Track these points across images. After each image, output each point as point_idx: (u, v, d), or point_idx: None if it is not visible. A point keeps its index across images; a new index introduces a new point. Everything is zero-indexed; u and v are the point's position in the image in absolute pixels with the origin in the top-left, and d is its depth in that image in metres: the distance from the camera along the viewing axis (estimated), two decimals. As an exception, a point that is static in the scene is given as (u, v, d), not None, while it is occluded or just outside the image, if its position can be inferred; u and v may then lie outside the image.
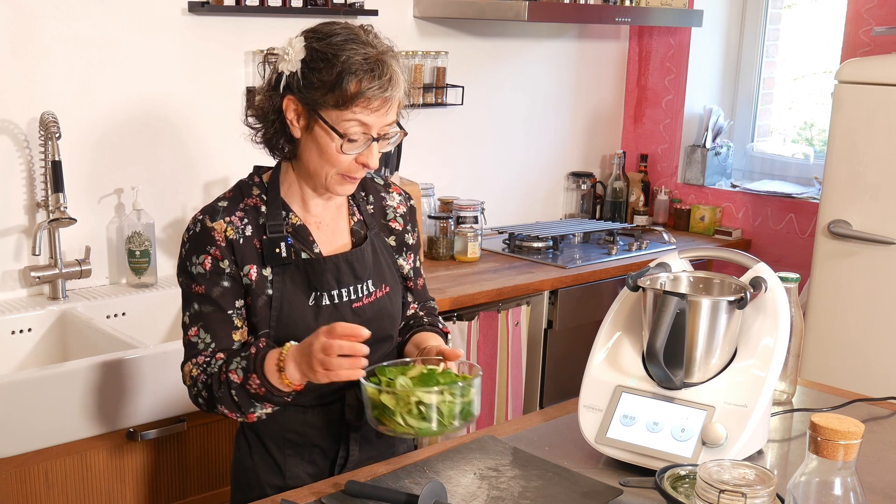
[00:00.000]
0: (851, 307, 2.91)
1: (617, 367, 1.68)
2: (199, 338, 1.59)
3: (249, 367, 1.51)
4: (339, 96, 1.51)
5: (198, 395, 1.59)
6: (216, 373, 1.55)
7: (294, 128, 1.57)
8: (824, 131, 3.73)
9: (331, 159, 1.56)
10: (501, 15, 3.07)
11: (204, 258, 1.58)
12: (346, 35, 1.55)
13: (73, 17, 2.51)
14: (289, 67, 1.54)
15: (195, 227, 1.60)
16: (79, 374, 2.04)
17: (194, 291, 1.59)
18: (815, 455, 1.13)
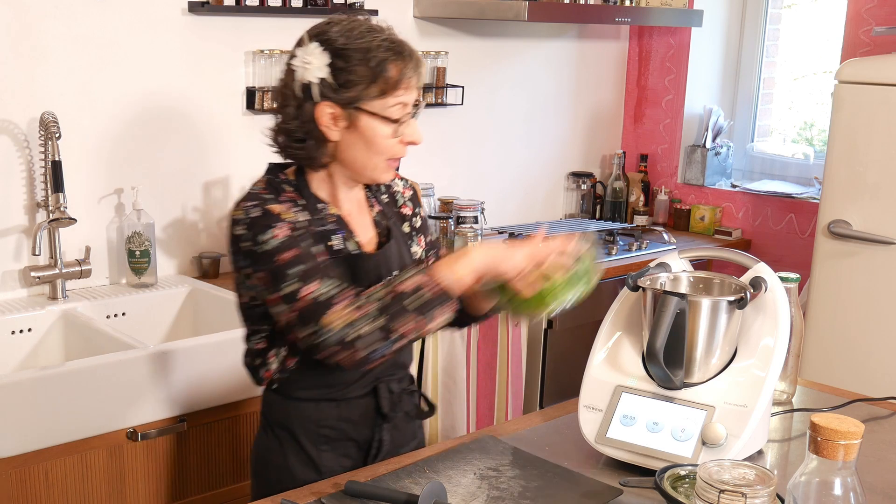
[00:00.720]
0: (851, 307, 2.91)
1: (617, 367, 1.68)
2: (321, 290, 1.49)
3: (421, 271, 1.51)
4: (384, 84, 1.53)
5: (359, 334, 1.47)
6: (382, 295, 1.48)
7: (331, 131, 1.56)
8: (824, 131, 3.73)
9: (380, 148, 1.57)
10: (501, 15, 3.07)
11: (273, 231, 1.51)
12: (359, 27, 1.55)
13: (74, 17, 2.51)
14: (316, 75, 1.53)
15: (251, 213, 1.52)
16: (79, 374, 2.04)
17: (283, 262, 1.49)
18: (815, 455, 1.13)
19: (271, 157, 1.64)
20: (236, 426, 2.34)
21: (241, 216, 1.53)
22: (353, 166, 1.60)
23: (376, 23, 1.58)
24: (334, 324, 1.48)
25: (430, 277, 1.50)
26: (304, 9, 2.88)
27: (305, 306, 1.49)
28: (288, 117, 1.58)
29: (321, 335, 1.48)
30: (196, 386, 2.22)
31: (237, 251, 1.55)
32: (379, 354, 1.50)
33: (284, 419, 1.67)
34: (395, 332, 1.48)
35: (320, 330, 1.48)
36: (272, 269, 1.51)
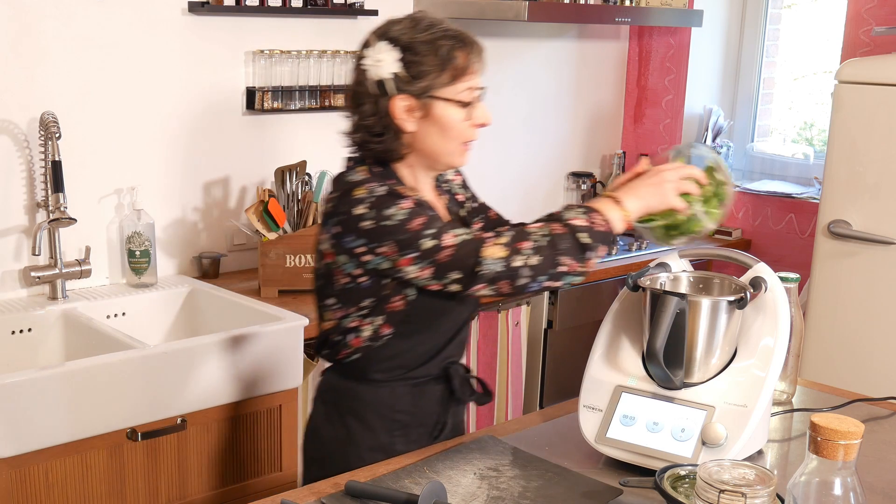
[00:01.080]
0: (851, 307, 2.91)
1: (617, 367, 1.68)
2: (461, 235, 1.58)
3: (590, 209, 1.60)
4: (453, 71, 1.63)
5: (526, 262, 1.55)
6: (549, 231, 1.57)
7: (406, 123, 1.64)
8: (824, 131, 3.73)
9: (456, 132, 1.66)
10: (501, 15, 3.07)
11: (400, 204, 1.58)
12: (421, 22, 1.64)
13: (73, 17, 2.51)
14: (389, 70, 1.61)
15: (376, 192, 1.59)
16: (79, 374, 2.04)
17: (416, 226, 1.57)
18: (815, 455, 1.13)
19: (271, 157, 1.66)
20: (236, 426, 2.34)
21: (364, 195, 1.60)
22: (430, 154, 1.68)
23: (432, 18, 1.68)
24: (497, 254, 1.56)
25: (599, 215, 1.59)
26: (304, 9, 2.88)
27: (454, 251, 1.57)
28: (365, 114, 1.65)
29: (483, 265, 1.56)
30: (196, 386, 2.22)
31: (351, 232, 1.60)
32: (538, 285, 1.58)
33: (357, 406, 1.72)
34: (561, 265, 1.57)
35: (482, 261, 1.56)
36: (402, 237, 1.57)
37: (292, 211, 2.77)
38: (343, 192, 1.63)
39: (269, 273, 2.68)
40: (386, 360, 1.71)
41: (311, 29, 2.96)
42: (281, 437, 2.43)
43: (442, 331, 1.74)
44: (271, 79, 2.88)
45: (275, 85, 2.88)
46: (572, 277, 1.59)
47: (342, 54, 3.00)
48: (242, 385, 2.31)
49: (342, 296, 1.69)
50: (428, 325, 1.70)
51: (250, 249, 2.95)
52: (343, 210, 1.61)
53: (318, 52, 2.95)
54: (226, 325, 2.45)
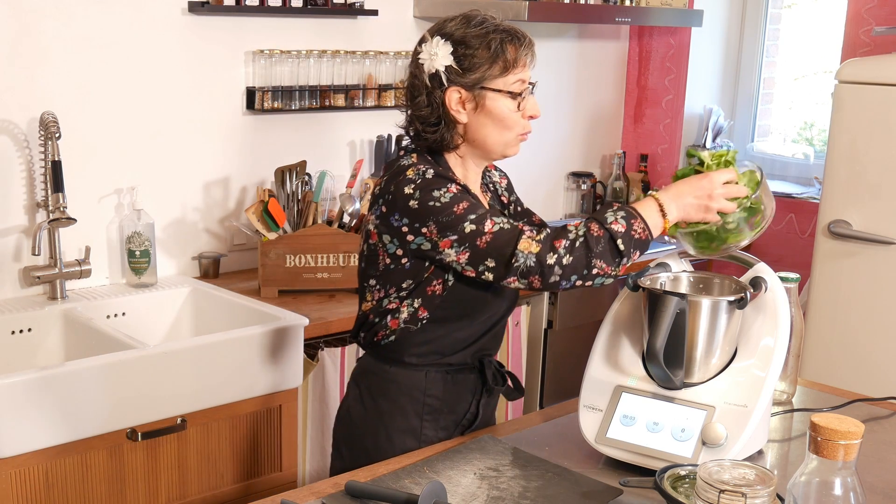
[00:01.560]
0: (851, 307, 2.91)
1: (617, 367, 1.68)
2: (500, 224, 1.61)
3: (632, 215, 1.60)
4: (504, 63, 1.67)
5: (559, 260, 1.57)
6: (585, 232, 1.58)
7: (460, 114, 1.69)
8: (824, 131, 3.73)
9: (509, 123, 1.70)
10: (501, 15, 3.06)
11: (447, 187, 1.63)
12: (474, 18, 1.70)
13: (73, 17, 2.51)
14: (442, 63, 1.67)
15: (423, 175, 1.64)
16: (79, 374, 2.04)
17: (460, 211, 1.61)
18: (815, 455, 1.13)
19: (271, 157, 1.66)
20: (236, 426, 2.34)
21: (413, 176, 1.65)
22: (484, 145, 1.73)
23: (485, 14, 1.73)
24: (532, 248, 1.59)
25: (640, 221, 1.60)
26: (304, 9, 2.88)
27: (493, 238, 1.60)
28: (420, 106, 1.71)
29: (519, 258, 1.59)
30: (196, 386, 2.22)
31: (397, 210, 1.65)
32: (569, 283, 1.60)
33: (390, 388, 1.75)
34: (596, 266, 1.59)
35: (518, 254, 1.59)
36: (446, 219, 1.62)
37: (292, 211, 2.77)
38: (393, 173, 1.69)
39: (269, 273, 2.68)
40: (421, 344, 1.74)
41: (311, 29, 2.96)
42: (281, 437, 2.43)
43: (478, 321, 1.76)
44: (271, 79, 2.88)
45: (275, 85, 2.88)
46: (603, 279, 1.61)
47: (342, 54, 3.00)
48: (242, 385, 2.31)
49: (383, 276, 1.73)
50: (465, 312, 1.73)
51: (250, 249, 2.95)
52: (391, 190, 1.66)
53: (318, 52, 2.95)
54: (226, 325, 2.45)
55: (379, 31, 3.11)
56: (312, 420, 2.54)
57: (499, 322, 1.82)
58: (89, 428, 2.07)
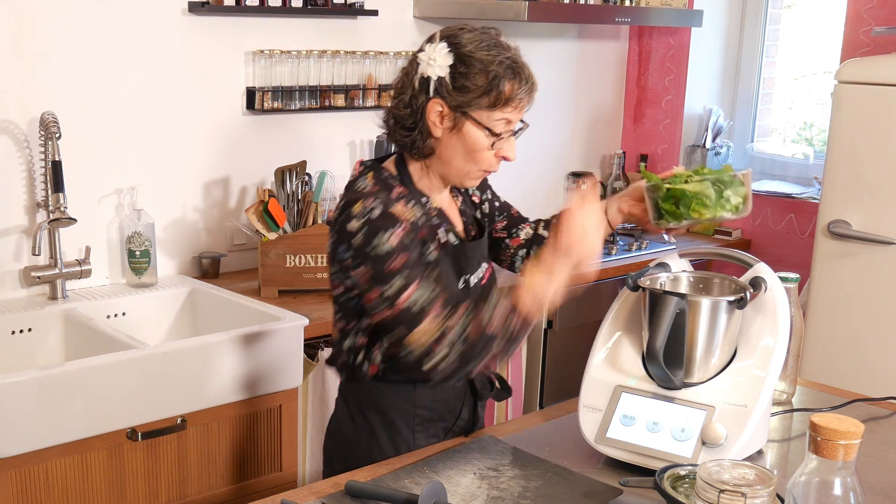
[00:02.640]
0: (851, 307, 2.91)
1: (617, 367, 1.68)
2: (416, 297, 1.57)
3: (509, 301, 1.59)
4: (495, 98, 1.62)
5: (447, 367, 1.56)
6: (472, 326, 1.56)
7: (436, 128, 1.64)
8: (824, 131, 3.73)
9: (477, 157, 1.65)
10: (501, 15, 3.07)
11: (391, 234, 1.58)
12: (489, 40, 1.64)
13: (73, 17, 2.51)
14: (437, 72, 1.61)
15: (369, 213, 1.59)
16: (79, 374, 2.04)
17: (391, 268, 1.57)
18: (814, 455, 1.13)
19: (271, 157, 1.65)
20: (236, 426, 2.34)
21: (360, 211, 1.59)
22: (447, 166, 1.68)
23: (504, 40, 1.68)
24: (415, 344, 1.57)
25: (518, 309, 1.58)
26: (304, 9, 2.88)
27: (399, 314, 1.57)
28: (402, 104, 1.66)
29: (404, 349, 1.59)
30: (196, 386, 2.22)
31: (344, 243, 1.61)
32: (450, 382, 1.63)
33: (380, 403, 1.73)
34: (469, 367, 1.58)
35: (406, 345, 1.58)
36: (379, 271, 1.57)
37: (292, 211, 2.77)
38: (346, 203, 1.64)
39: (269, 273, 2.68)
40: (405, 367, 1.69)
41: (311, 29, 2.97)
42: (281, 437, 2.43)
43: None
44: (271, 79, 2.88)
45: (275, 85, 2.88)
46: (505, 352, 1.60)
47: (342, 54, 3.00)
48: (242, 385, 2.31)
49: (342, 307, 1.72)
50: None
51: (250, 249, 2.95)
52: (341, 220, 1.62)
53: (318, 52, 2.95)
54: (226, 325, 2.45)
55: (379, 31, 3.12)
56: (312, 420, 2.54)
57: None
58: (89, 428, 2.07)
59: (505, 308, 1.58)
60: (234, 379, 2.29)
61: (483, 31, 1.65)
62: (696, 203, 1.63)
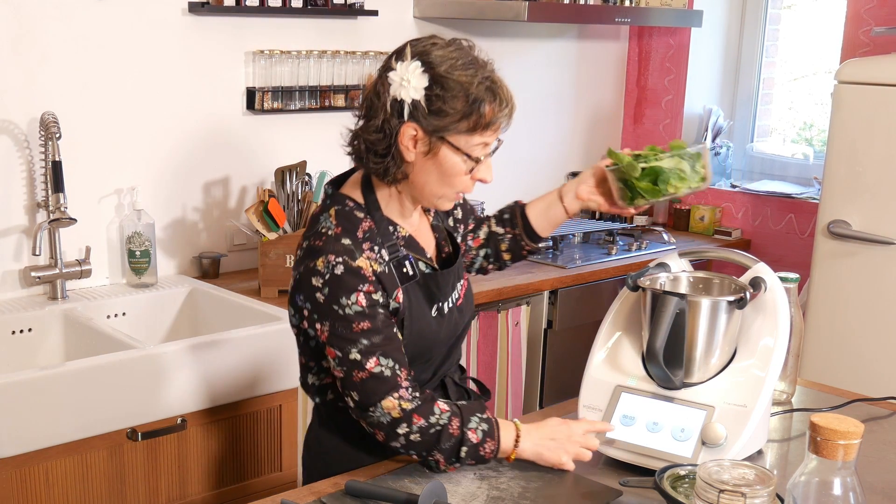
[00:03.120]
0: (851, 307, 2.91)
1: (617, 367, 1.68)
2: (382, 366, 1.52)
3: (491, 433, 1.56)
4: (475, 123, 1.52)
5: (407, 434, 1.53)
6: (444, 424, 1.53)
7: (408, 152, 1.54)
8: (824, 131, 3.73)
9: (453, 181, 1.57)
10: (501, 15, 3.07)
11: (356, 296, 1.51)
12: (464, 57, 1.53)
13: (73, 17, 2.51)
14: (411, 95, 1.50)
15: (332, 270, 1.51)
16: (79, 374, 2.04)
17: (357, 330, 1.52)
18: (814, 455, 1.13)
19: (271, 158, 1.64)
20: (236, 426, 2.34)
21: (322, 269, 1.52)
22: (420, 190, 1.59)
23: (478, 54, 1.57)
24: (393, 412, 1.53)
25: (493, 443, 1.56)
26: (304, 9, 2.88)
27: (367, 379, 1.53)
28: (373, 128, 1.55)
29: (377, 412, 1.53)
30: (196, 386, 2.22)
31: (302, 293, 1.55)
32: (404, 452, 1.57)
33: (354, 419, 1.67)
34: (434, 457, 1.55)
35: (377, 408, 1.53)
36: (343, 333, 1.52)
37: (292, 211, 2.77)
38: (308, 248, 1.56)
39: (269, 273, 2.68)
40: None
41: (311, 29, 2.97)
42: (281, 437, 2.43)
43: (435, 357, 1.70)
44: (271, 79, 2.88)
45: (275, 85, 2.88)
46: (436, 468, 1.57)
47: (342, 54, 3.00)
48: (242, 385, 2.31)
49: (302, 347, 1.67)
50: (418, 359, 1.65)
51: (250, 249, 2.95)
52: (301, 270, 1.55)
53: (318, 53, 2.95)
54: (226, 325, 2.45)
55: (379, 31, 3.12)
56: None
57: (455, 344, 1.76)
58: (89, 428, 2.07)
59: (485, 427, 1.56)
60: (234, 379, 2.29)
61: (457, 47, 1.54)
62: (673, 178, 1.67)
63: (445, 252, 1.75)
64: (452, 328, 1.71)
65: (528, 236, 1.86)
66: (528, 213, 1.87)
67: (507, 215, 1.90)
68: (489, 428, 1.56)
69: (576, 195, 1.80)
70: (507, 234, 1.88)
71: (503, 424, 1.58)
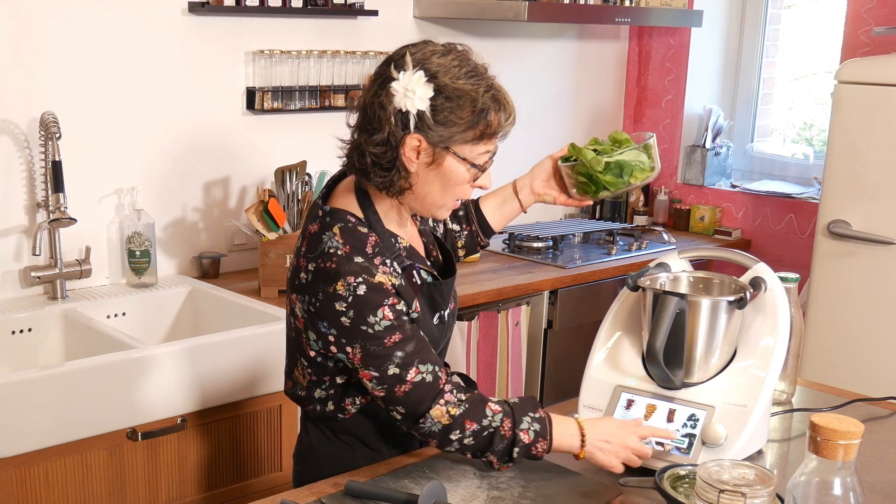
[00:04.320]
0: (851, 307, 2.91)
1: (617, 367, 1.68)
2: (422, 373, 1.52)
3: (543, 433, 1.56)
4: (481, 132, 1.51)
5: (461, 439, 1.54)
6: (497, 427, 1.54)
7: (411, 163, 1.51)
8: (824, 131, 3.73)
9: (455, 190, 1.56)
10: (501, 15, 3.07)
11: (382, 311, 1.49)
12: (467, 65, 1.52)
13: (73, 17, 2.51)
14: (417, 106, 1.47)
15: (354, 292, 1.48)
16: (79, 374, 2.04)
17: (390, 344, 1.50)
18: (814, 455, 1.13)
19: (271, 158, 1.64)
20: (236, 426, 2.34)
21: (343, 293, 1.48)
22: (422, 201, 1.57)
23: (476, 61, 1.55)
24: (443, 419, 1.53)
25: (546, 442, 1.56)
26: (304, 9, 2.88)
27: (411, 390, 1.52)
28: (376, 142, 1.51)
29: (427, 421, 1.53)
30: (196, 386, 2.22)
31: (331, 322, 1.51)
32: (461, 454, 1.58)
33: (354, 428, 1.67)
34: (487, 458, 1.56)
35: (427, 417, 1.53)
36: (374, 349, 1.50)
37: (292, 211, 2.77)
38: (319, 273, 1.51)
39: (269, 273, 2.68)
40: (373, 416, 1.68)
41: (311, 29, 2.97)
42: (281, 437, 2.43)
43: None
44: (271, 79, 2.88)
45: (275, 85, 2.88)
46: (489, 467, 1.58)
47: (342, 54, 3.00)
48: (242, 385, 2.31)
49: (314, 365, 1.61)
50: None
51: (250, 249, 2.95)
52: (321, 298, 1.51)
53: (318, 52, 2.95)
54: (226, 325, 2.45)
55: (379, 31, 3.12)
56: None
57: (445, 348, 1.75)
58: (89, 428, 2.07)
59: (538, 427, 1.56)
60: (235, 379, 2.29)
61: (456, 55, 1.52)
62: (636, 170, 1.75)
63: (433, 256, 1.73)
64: (447, 333, 1.73)
65: (483, 232, 1.89)
66: (483, 208, 1.89)
67: (461, 212, 1.89)
68: (541, 428, 1.56)
69: (531, 190, 1.83)
70: (463, 230, 1.89)
71: (559, 422, 1.57)
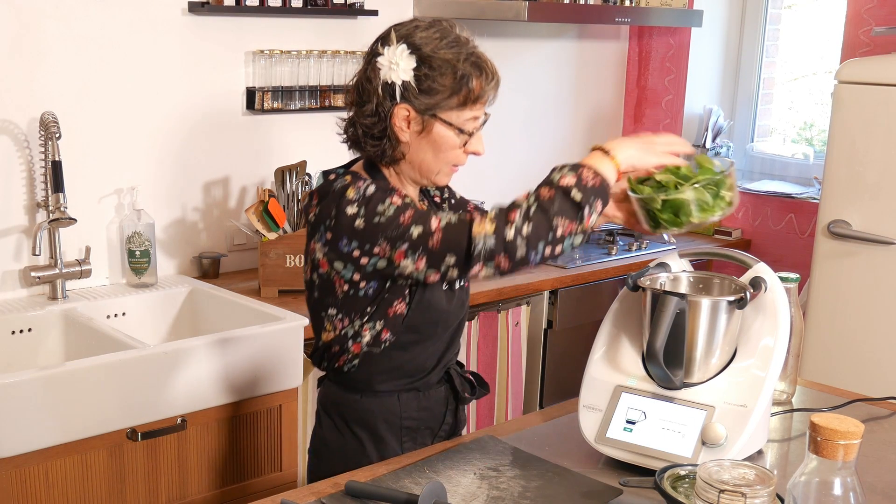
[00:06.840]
0: (851, 307, 2.91)
1: (617, 367, 1.68)
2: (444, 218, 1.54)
3: (576, 167, 1.54)
4: (465, 97, 1.60)
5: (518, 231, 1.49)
6: (537, 197, 1.52)
7: (402, 132, 1.61)
8: (824, 131, 3.73)
9: (448, 156, 1.65)
10: (501, 15, 3.07)
11: (389, 199, 1.56)
12: (448, 36, 1.60)
13: (73, 17, 2.51)
14: (401, 77, 1.58)
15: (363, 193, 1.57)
16: (79, 374, 2.04)
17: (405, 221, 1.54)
18: (814, 455, 1.13)
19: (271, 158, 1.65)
20: (236, 426, 2.34)
21: (354, 196, 1.57)
22: (418, 168, 1.66)
23: (459, 32, 1.63)
24: (486, 229, 1.51)
25: (588, 169, 1.53)
26: (304, 9, 2.88)
27: (443, 235, 1.53)
28: (367, 113, 1.62)
29: (477, 243, 1.51)
30: (196, 386, 2.22)
31: (347, 234, 1.57)
32: (537, 254, 1.52)
33: (366, 417, 1.71)
34: (559, 226, 1.51)
35: (475, 239, 1.51)
36: (392, 233, 1.54)
37: (292, 211, 2.77)
38: (332, 196, 1.60)
39: (269, 273, 2.68)
40: (388, 371, 1.70)
41: (311, 29, 2.97)
42: (281, 437, 2.43)
43: (441, 338, 1.74)
44: (271, 79, 2.88)
45: (275, 85, 2.88)
46: (572, 238, 1.53)
47: (342, 54, 3.00)
48: (242, 385, 2.31)
49: (344, 304, 1.67)
50: (429, 333, 1.70)
51: (250, 249, 2.95)
52: (333, 214, 1.59)
53: (318, 52, 2.95)
54: (226, 325, 2.45)
55: (379, 31, 3.09)
56: (312, 420, 2.54)
57: (457, 331, 1.80)
58: (89, 428, 2.07)
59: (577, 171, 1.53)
60: (234, 379, 2.29)
61: (438, 28, 1.61)
62: (696, 209, 1.60)
63: None
64: (458, 307, 1.75)
65: None
66: None
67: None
68: (574, 164, 1.54)
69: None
70: None
71: (587, 157, 1.57)
